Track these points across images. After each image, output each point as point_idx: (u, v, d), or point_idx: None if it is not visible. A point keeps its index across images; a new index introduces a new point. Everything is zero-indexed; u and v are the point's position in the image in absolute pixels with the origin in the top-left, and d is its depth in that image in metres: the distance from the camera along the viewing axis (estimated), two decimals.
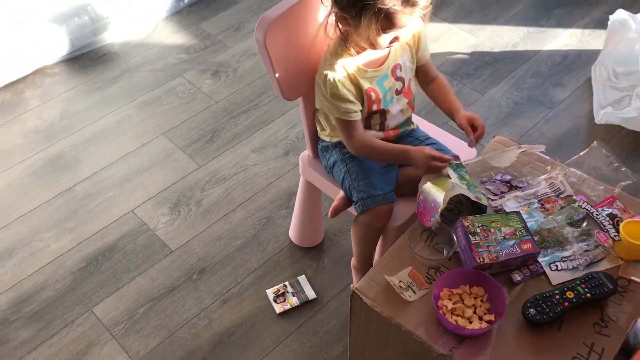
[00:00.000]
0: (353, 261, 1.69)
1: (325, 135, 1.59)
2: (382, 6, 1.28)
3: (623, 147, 2.18)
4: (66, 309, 1.82)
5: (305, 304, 1.81)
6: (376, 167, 1.53)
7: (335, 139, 1.57)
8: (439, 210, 1.33)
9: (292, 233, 1.96)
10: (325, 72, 1.41)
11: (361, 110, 1.47)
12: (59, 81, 2.55)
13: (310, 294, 1.82)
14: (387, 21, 1.31)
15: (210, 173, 2.18)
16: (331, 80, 1.40)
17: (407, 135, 1.61)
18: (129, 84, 2.52)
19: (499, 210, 1.40)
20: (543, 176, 1.46)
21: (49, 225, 2.04)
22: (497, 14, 2.79)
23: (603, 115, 2.19)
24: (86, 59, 2.64)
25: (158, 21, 2.81)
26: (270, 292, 1.83)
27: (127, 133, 2.33)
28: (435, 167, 1.40)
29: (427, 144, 1.59)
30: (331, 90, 1.41)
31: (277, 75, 1.43)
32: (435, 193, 1.36)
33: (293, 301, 1.80)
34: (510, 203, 1.41)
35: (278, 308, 1.79)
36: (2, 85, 2.50)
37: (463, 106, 1.54)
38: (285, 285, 1.83)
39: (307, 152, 1.71)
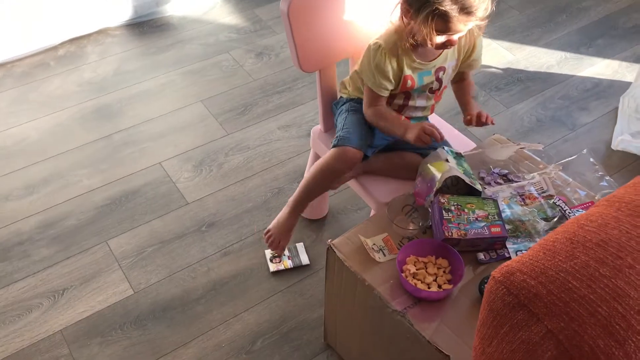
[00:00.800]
0: (293, 196, 1.69)
1: (344, 93, 1.70)
2: (440, 7, 1.34)
3: (635, 175, 2.20)
4: (84, 238, 2.01)
5: (298, 268, 1.93)
6: (370, 126, 1.62)
7: (353, 96, 1.67)
8: (434, 189, 1.43)
9: None
10: (379, 41, 1.49)
11: (393, 90, 1.56)
12: (118, 42, 2.78)
13: (305, 259, 1.94)
14: (442, 24, 1.37)
15: (236, 141, 2.34)
16: (381, 53, 1.48)
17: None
18: (179, 54, 2.73)
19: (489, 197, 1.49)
20: (538, 172, 1.54)
21: (85, 164, 2.24)
22: (539, 36, 2.86)
23: (620, 141, 2.23)
24: (146, 26, 2.87)
25: (217, 1, 3.02)
26: (268, 252, 1.96)
27: (169, 96, 2.53)
28: (425, 138, 1.46)
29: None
30: (377, 60, 1.49)
31: (296, 46, 1.57)
32: (433, 173, 1.46)
33: (287, 263, 1.92)
34: (502, 194, 1.50)
35: (272, 267, 1.92)
36: (68, 38, 2.75)
37: (477, 107, 1.61)
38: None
39: (319, 127, 1.83)
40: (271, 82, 2.59)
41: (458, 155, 1.54)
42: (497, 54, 2.75)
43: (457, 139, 1.78)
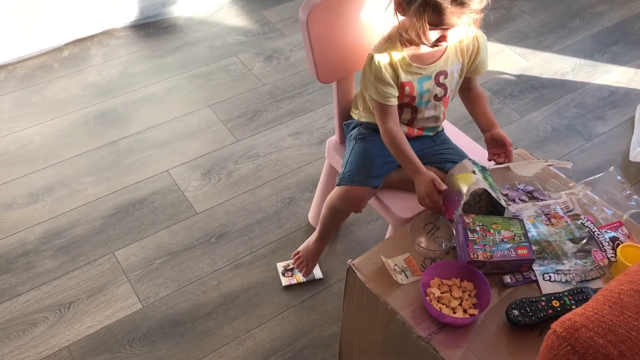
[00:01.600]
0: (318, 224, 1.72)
1: (355, 114, 1.66)
2: None
3: None
4: (91, 248, 1.96)
5: (311, 282, 1.88)
6: (377, 155, 1.57)
7: (363, 120, 1.63)
8: (462, 203, 1.37)
9: (311, 215, 2.04)
10: (372, 53, 1.46)
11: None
12: (123, 44, 2.72)
13: (318, 273, 1.89)
14: (435, 16, 1.33)
15: (246, 148, 2.28)
16: (376, 62, 1.44)
17: (428, 136, 1.65)
18: (185, 56, 2.67)
19: (515, 216, 1.44)
20: (565, 192, 1.49)
21: (90, 171, 2.19)
22: (552, 42, 2.81)
23: (638, 153, 2.18)
24: (152, 27, 2.81)
25: (224, 3, 2.96)
26: (280, 266, 1.91)
27: (176, 100, 2.47)
28: (431, 194, 1.43)
29: (444, 148, 1.64)
30: (375, 71, 1.45)
31: (314, 56, 1.51)
32: (460, 186, 1.41)
33: (300, 277, 1.88)
34: (527, 212, 1.44)
35: (285, 281, 1.87)
36: (72, 39, 2.69)
37: (498, 124, 1.57)
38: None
39: (334, 138, 1.78)
40: (281, 87, 2.54)
41: (483, 169, 1.49)
42: (510, 60, 2.70)
43: (472, 149, 1.72)
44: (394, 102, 1.49)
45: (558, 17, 2.95)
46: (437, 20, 1.34)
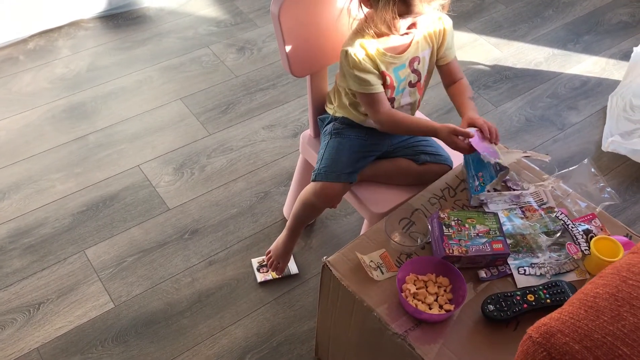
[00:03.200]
0: (288, 221, 1.72)
1: (330, 109, 1.64)
2: None
3: (625, 177, 2.19)
4: (60, 247, 1.91)
5: (287, 277, 1.86)
6: (352, 150, 1.56)
7: (338, 114, 1.61)
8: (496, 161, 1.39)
9: (286, 210, 2.01)
10: (346, 48, 1.44)
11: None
12: (91, 35, 2.65)
13: (293, 268, 1.87)
14: (404, 6, 1.32)
15: (219, 142, 2.25)
16: (352, 54, 1.42)
17: None
18: (156, 48, 2.61)
19: (483, 204, 1.43)
20: (536, 183, 1.49)
21: (59, 168, 2.13)
22: (526, 32, 2.81)
23: (610, 143, 2.20)
24: (121, 18, 2.74)
25: None
26: (255, 261, 1.88)
27: (146, 93, 2.41)
28: (456, 142, 1.42)
29: (418, 140, 1.63)
30: (353, 62, 1.42)
31: (287, 49, 1.48)
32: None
33: (275, 273, 1.85)
34: (502, 205, 1.44)
35: (260, 277, 1.85)
36: (37, 31, 2.61)
37: (475, 109, 1.53)
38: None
39: (308, 132, 1.76)
40: (254, 79, 2.50)
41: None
42: (484, 50, 2.70)
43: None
44: (380, 88, 1.46)
45: (531, 7, 2.96)
46: (406, 10, 1.34)
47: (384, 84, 1.48)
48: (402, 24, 1.38)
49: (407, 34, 1.42)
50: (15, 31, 2.54)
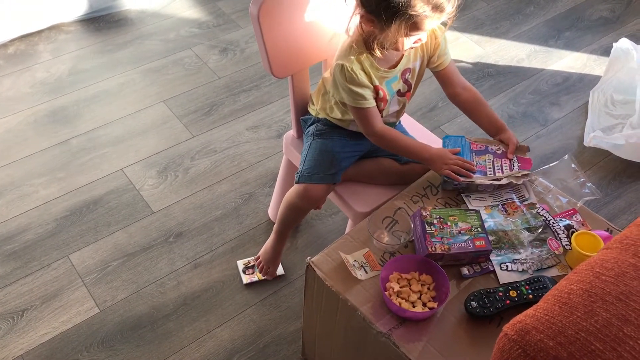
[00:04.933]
0: (275, 225, 1.72)
1: (312, 110, 1.64)
2: (414, 13, 1.29)
3: (607, 172, 2.21)
4: (44, 253, 1.89)
5: (273, 279, 1.86)
6: (335, 151, 1.56)
7: (320, 116, 1.60)
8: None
9: (271, 211, 2.01)
10: (340, 62, 1.42)
11: None
12: (72, 39, 2.63)
13: (279, 270, 1.87)
14: (414, 26, 1.33)
15: (202, 144, 2.24)
16: (348, 69, 1.41)
17: None
18: (138, 50, 2.59)
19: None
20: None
21: (41, 173, 2.11)
22: (507, 29, 2.83)
23: (592, 138, 2.22)
24: (102, 21, 2.72)
25: None
26: (240, 263, 1.88)
27: (129, 96, 2.40)
28: (449, 175, 1.44)
29: None
30: (350, 77, 1.41)
31: (267, 50, 1.48)
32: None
33: (261, 275, 1.85)
34: (484, 202, 1.44)
35: (245, 279, 1.84)
36: (17, 35, 2.59)
37: (505, 127, 1.56)
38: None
39: (291, 132, 1.76)
40: (237, 80, 2.49)
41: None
42: (466, 48, 2.71)
43: (429, 140, 1.71)
44: (373, 103, 1.46)
45: (513, 4, 2.98)
46: (416, 28, 1.34)
47: (377, 98, 1.48)
48: (410, 41, 1.38)
49: (411, 48, 1.43)
50: None
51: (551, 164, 1.52)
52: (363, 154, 1.62)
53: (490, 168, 1.49)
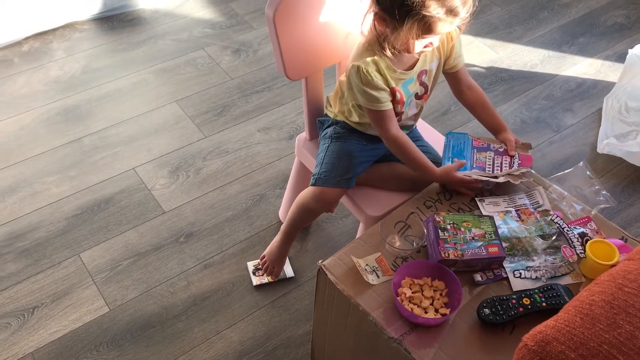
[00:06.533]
0: (283, 225, 1.71)
1: (330, 112, 1.63)
2: (427, 14, 1.28)
3: (621, 179, 2.19)
4: (55, 250, 1.90)
5: (283, 281, 1.85)
6: (352, 155, 1.55)
7: (338, 119, 1.60)
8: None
9: (282, 212, 2.01)
10: (356, 64, 1.41)
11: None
12: (86, 37, 2.64)
13: (289, 272, 1.87)
14: (427, 28, 1.32)
15: (214, 145, 2.24)
16: (364, 70, 1.40)
17: None
18: (151, 50, 2.60)
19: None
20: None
21: (53, 171, 2.12)
22: (521, 33, 2.81)
23: (605, 145, 2.20)
24: (116, 20, 2.73)
25: None
26: (250, 265, 1.88)
27: (142, 96, 2.41)
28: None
29: (418, 146, 1.62)
30: (365, 79, 1.40)
31: (282, 52, 1.48)
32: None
33: (270, 277, 1.85)
34: (498, 208, 1.44)
35: (255, 280, 1.84)
36: (32, 33, 2.60)
37: (506, 127, 1.59)
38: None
39: (304, 134, 1.75)
40: (249, 81, 2.49)
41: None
42: (480, 52, 2.70)
43: (441, 143, 1.71)
44: (389, 105, 1.45)
45: (527, 9, 2.96)
46: (429, 31, 1.33)
47: (394, 100, 1.47)
48: (421, 43, 1.37)
49: (422, 52, 1.42)
50: (9, 33, 2.54)
51: (566, 171, 1.51)
52: (378, 158, 1.61)
53: (489, 165, 1.50)
